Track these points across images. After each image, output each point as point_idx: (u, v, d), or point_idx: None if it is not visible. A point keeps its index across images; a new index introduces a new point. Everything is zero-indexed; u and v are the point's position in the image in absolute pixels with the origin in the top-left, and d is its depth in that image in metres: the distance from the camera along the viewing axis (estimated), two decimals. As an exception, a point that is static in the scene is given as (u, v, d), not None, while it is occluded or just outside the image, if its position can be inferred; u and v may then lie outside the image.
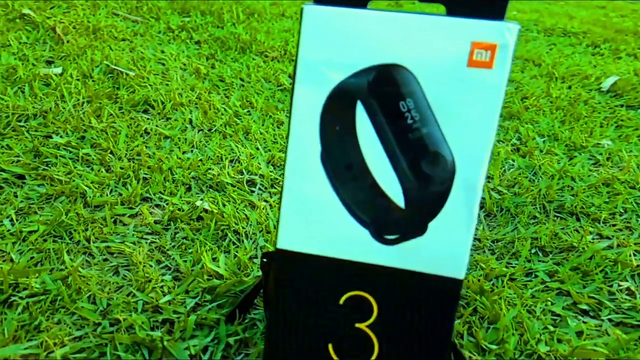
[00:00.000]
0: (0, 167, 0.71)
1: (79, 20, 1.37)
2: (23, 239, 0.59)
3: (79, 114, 0.88)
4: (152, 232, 0.63)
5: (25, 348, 0.45)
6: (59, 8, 1.45)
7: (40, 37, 1.22)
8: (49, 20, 1.31)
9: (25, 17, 1.32)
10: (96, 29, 1.33)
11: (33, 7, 1.39)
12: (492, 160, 0.93)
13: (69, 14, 1.41)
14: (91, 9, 1.50)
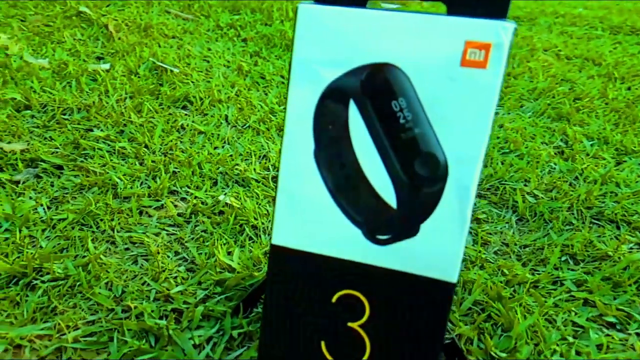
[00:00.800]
0: (41, 158, 0.76)
1: (132, 17, 1.43)
2: (53, 226, 0.63)
3: (121, 109, 0.93)
4: (174, 224, 0.66)
5: (41, 329, 0.49)
6: (114, 6, 1.52)
7: (93, 34, 1.29)
8: (104, 17, 1.38)
9: (81, 14, 1.40)
10: (147, 27, 1.39)
11: (90, 5, 1.47)
12: (531, 163, 0.90)
13: (124, 12, 1.48)
14: (145, 6, 1.57)
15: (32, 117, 0.88)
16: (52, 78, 1.01)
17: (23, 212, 0.64)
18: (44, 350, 0.47)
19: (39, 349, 0.47)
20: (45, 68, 1.05)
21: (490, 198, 0.82)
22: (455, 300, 0.59)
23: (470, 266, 0.66)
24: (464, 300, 0.59)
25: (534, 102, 1.20)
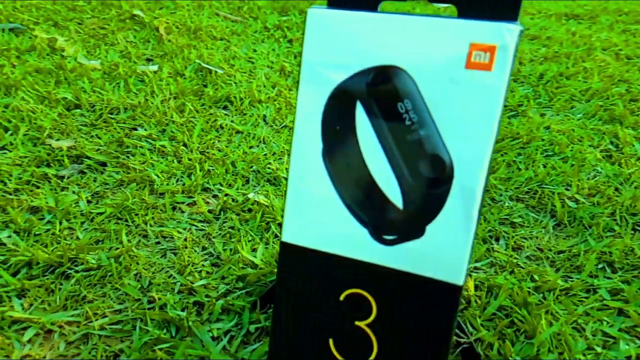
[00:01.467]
0: (86, 155, 0.81)
1: (183, 20, 1.49)
2: (91, 219, 0.67)
3: (164, 109, 0.97)
4: (204, 220, 0.69)
5: (70, 315, 0.52)
6: (167, 9, 1.59)
7: (145, 36, 1.35)
8: (156, 20, 1.45)
9: (135, 17, 1.46)
10: (197, 29, 1.44)
11: (144, 8, 1.54)
12: (575, 167, 0.88)
13: (175, 14, 1.54)
14: (196, 9, 1.63)
15: (82, 115, 0.94)
16: (103, 79, 1.07)
17: (65, 206, 0.68)
18: (71, 336, 0.51)
19: (67, 335, 0.51)
20: (97, 69, 1.11)
21: (528, 202, 0.80)
22: (479, 304, 0.59)
23: (499, 271, 0.65)
24: (489, 305, 0.59)
25: (585, 103, 1.16)
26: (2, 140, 0.83)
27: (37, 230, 0.64)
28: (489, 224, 0.75)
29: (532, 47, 1.55)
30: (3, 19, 1.35)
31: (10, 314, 0.51)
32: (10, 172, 0.76)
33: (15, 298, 0.54)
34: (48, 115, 0.91)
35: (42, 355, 0.48)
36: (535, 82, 1.29)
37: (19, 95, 0.96)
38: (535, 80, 1.30)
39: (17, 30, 1.28)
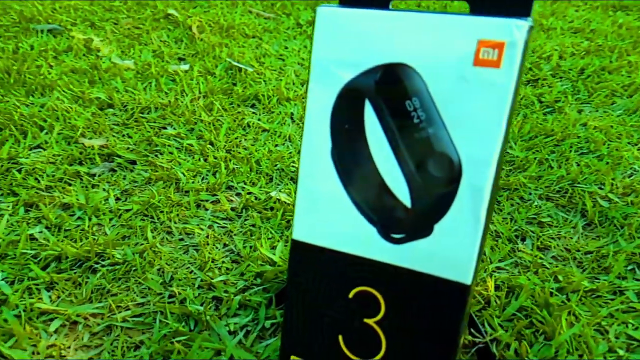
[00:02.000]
0: (117, 153, 0.84)
1: (216, 18, 1.52)
2: (119, 215, 0.70)
3: (193, 108, 1.00)
4: (226, 217, 0.71)
5: (95, 308, 0.55)
6: (200, 7, 1.62)
7: (178, 36, 1.39)
8: (190, 19, 1.48)
9: (169, 16, 1.50)
10: (229, 27, 1.46)
11: (178, 7, 1.58)
12: (610, 165, 0.86)
13: (209, 13, 1.58)
14: (229, 7, 1.66)
15: (114, 115, 0.97)
16: (135, 78, 1.11)
17: (94, 203, 0.71)
18: (95, 327, 0.53)
19: (92, 326, 0.53)
20: (130, 69, 1.15)
21: (558, 201, 0.79)
22: (498, 304, 0.59)
23: (523, 271, 0.65)
24: (509, 305, 0.59)
25: (627, 99, 1.13)
26: (38, 139, 0.87)
27: (68, 225, 0.68)
28: (516, 223, 0.74)
29: (575, 41, 1.51)
30: (42, 20, 1.41)
31: (38, 306, 0.54)
32: (44, 169, 0.79)
33: (44, 290, 0.57)
34: (82, 114, 0.95)
35: (66, 345, 0.51)
36: (575, 77, 1.26)
37: (55, 95, 1.01)
38: (575, 75, 1.27)
39: (55, 31, 1.33)
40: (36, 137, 0.88)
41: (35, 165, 0.80)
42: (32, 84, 1.04)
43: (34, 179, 0.77)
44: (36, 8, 1.47)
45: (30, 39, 1.29)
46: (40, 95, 1.02)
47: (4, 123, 0.90)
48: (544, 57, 1.40)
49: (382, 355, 0.45)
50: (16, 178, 0.76)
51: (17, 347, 0.50)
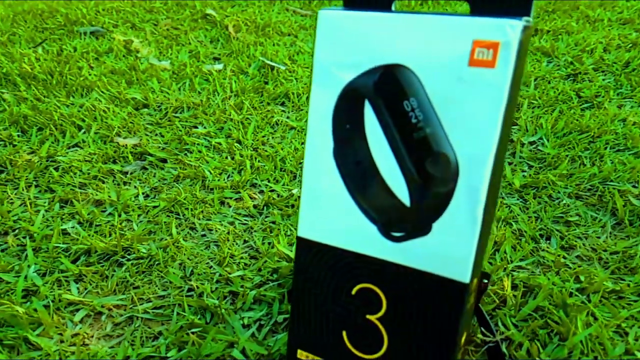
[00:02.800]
0: (149, 152, 0.88)
1: (252, 17, 1.55)
2: (147, 212, 0.74)
3: (224, 107, 1.03)
4: (248, 214, 0.73)
5: (119, 299, 0.58)
6: (239, 6, 1.66)
7: (215, 35, 1.42)
8: (227, 19, 1.52)
9: (207, 16, 1.55)
10: (265, 25, 1.49)
11: (216, 7, 1.62)
12: (643, 162, 0.84)
13: (246, 12, 1.61)
14: (267, 5, 1.69)
15: (149, 114, 1.02)
16: (171, 79, 1.15)
17: (125, 199, 0.75)
18: (118, 318, 0.56)
19: (115, 317, 0.57)
20: (166, 69, 1.20)
21: (588, 199, 0.78)
22: (514, 304, 0.59)
23: (544, 270, 0.64)
24: (525, 304, 0.59)
25: (672, 92, 1.09)
26: (76, 138, 0.92)
27: (98, 221, 0.72)
28: (542, 222, 0.73)
29: (623, 32, 1.46)
30: (86, 23, 1.47)
31: (66, 297, 0.58)
32: (80, 167, 0.84)
33: (73, 282, 0.61)
34: (118, 114, 1.00)
35: (90, 334, 0.54)
36: (619, 70, 1.23)
37: (94, 95, 1.06)
38: (619, 68, 1.24)
39: (97, 33, 1.39)
40: (74, 136, 0.93)
41: (72, 163, 0.85)
42: (72, 85, 1.09)
43: (69, 177, 0.81)
44: (80, 11, 1.54)
45: (74, 41, 1.36)
46: (80, 96, 1.07)
47: (44, 123, 0.95)
48: (587, 50, 1.37)
49: (384, 351, 0.46)
50: (53, 176, 0.81)
51: (44, 335, 0.54)
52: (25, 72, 1.14)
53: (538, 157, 0.89)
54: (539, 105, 1.07)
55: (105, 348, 0.53)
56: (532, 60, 1.30)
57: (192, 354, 0.51)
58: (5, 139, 0.91)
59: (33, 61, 1.21)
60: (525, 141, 0.94)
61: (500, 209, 0.75)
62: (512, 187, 0.81)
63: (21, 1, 1.67)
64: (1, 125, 0.96)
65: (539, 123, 0.99)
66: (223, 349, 0.52)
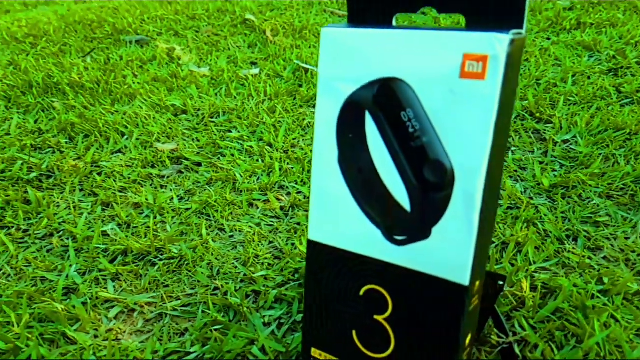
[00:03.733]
0: (185, 156, 0.93)
1: (291, 20, 1.59)
2: (180, 214, 0.78)
3: (257, 111, 1.07)
4: (274, 216, 0.76)
5: (150, 297, 0.63)
6: (277, 10, 1.70)
7: (253, 40, 1.47)
8: (266, 23, 1.56)
9: (247, 21, 1.59)
10: (302, 28, 1.53)
11: (256, 12, 1.66)
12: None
13: (285, 15, 1.65)
14: (305, 7, 1.72)
15: (187, 120, 1.07)
16: (209, 85, 1.20)
17: (160, 202, 0.80)
18: (149, 315, 0.61)
19: (146, 313, 0.61)
20: (205, 76, 1.25)
21: (619, 199, 0.77)
22: (532, 305, 0.59)
23: (568, 272, 0.64)
24: (544, 306, 0.59)
25: None
26: (118, 144, 0.98)
27: (136, 223, 0.77)
28: (569, 222, 0.73)
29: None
30: (131, 32, 1.55)
31: (103, 294, 0.63)
32: (122, 172, 0.90)
33: (110, 281, 0.66)
34: (158, 120, 1.05)
35: (123, 330, 0.59)
36: (666, 64, 1.19)
37: (136, 103, 1.12)
38: (666, 61, 1.20)
39: (142, 41, 1.46)
40: (117, 142, 0.99)
41: (114, 168, 0.90)
42: (117, 93, 1.16)
43: (111, 181, 0.87)
44: (127, 20, 1.62)
45: (120, 50, 1.43)
46: (124, 104, 1.13)
47: (90, 130, 1.02)
48: (632, 43, 1.33)
49: (392, 350, 0.48)
50: (97, 180, 0.87)
51: (81, 331, 0.59)
52: (74, 81, 1.21)
53: (570, 156, 0.89)
54: (576, 102, 1.06)
55: (135, 343, 0.57)
56: (573, 56, 1.27)
57: (214, 350, 0.55)
58: (54, 146, 0.98)
59: (82, 70, 1.28)
60: (559, 140, 0.93)
61: (526, 209, 0.76)
62: (541, 187, 0.81)
63: (73, 12, 1.77)
64: (51, 132, 1.03)
65: (574, 121, 0.98)
66: (243, 346, 0.56)
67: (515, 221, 0.73)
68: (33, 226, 0.77)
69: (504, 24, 0.40)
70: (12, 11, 2.10)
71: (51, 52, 1.44)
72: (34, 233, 0.75)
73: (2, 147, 0.97)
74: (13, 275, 0.67)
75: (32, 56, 1.41)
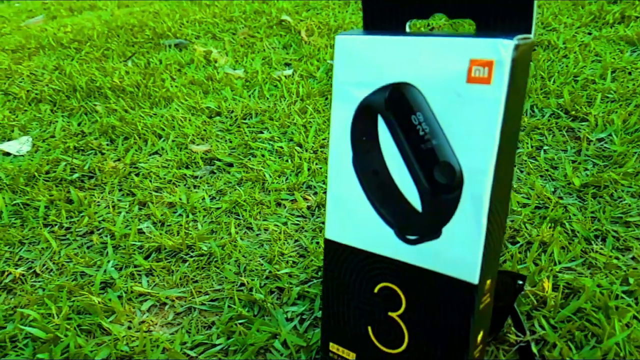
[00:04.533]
0: (218, 157, 0.96)
1: (326, 20, 1.61)
2: (210, 212, 0.82)
3: (289, 112, 1.09)
4: (301, 215, 0.79)
5: (180, 292, 0.67)
6: (313, 10, 1.73)
7: (288, 41, 1.50)
8: (301, 23, 1.59)
9: (282, 22, 1.62)
10: (338, 27, 1.55)
11: (292, 12, 1.70)
12: None
13: (320, 15, 1.67)
14: (341, 7, 1.74)
15: (221, 122, 1.11)
16: (243, 87, 1.24)
17: (193, 202, 0.84)
18: (179, 308, 0.65)
19: (176, 307, 0.65)
20: (240, 77, 1.29)
21: (651, 199, 0.76)
22: (553, 305, 0.60)
23: (594, 272, 0.65)
24: (566, 306, 0.60)
25: None
26: (156, 146, 1.03)
27: (169, 222, 0.81)
28: (598, 222, 0.73)
29: None
30: (171, 36, 1.60)
31: (137, 289, 0.67)
32: (158, 173, 0.94)
33: (144, 276, 0.70)
34: (193, 123, 1.10)
35: (155, 322, 0.63)
36: None
37: (173, 106, 1.17)
38: None
39: (181, 45, 1.52)
40: (155, 144, 1.03)
41: (151, 169, 0.95)
42: (156, 96, 1.21)
43: (148, 182, 0.92)
44: (166, 24, 1.68)
45: (160, 53, 1.49)
46: (162, 107, 1.18)
47: (130, 132, 1.07)
48: (677, 36, 1.30)
49: (405, 347, 0.50)
50: (134, 181, 0.92)
51: (116, 322, 0.63)
52: (116, 85, 1.27)
53: (604, 155, 0.88)
54: (614, 99, 1.05)
55: (166, 334, 0.61)
56: (614, 51, 1.25)
57: (238, 343, 0.58)
58: (95, 148, 1.03)
59: (123, 74, 1.34)
60: (593, 138, 0.93)
61: (554, 209, 0.76)
62: (572, 186, 0.81)
63: (115, 17, 1.84)
64: (93, 135, 1.09)
65: (610, 119, 0.97)
66: (266, 339, 0.59)
67: (543, 221, 0.73)
68: (75, 224, 0.82)
69: (512, 29, 0.42)
70: (58, 17, 2.20)
71: (94, 56, 1.51)
72: (75, 231, 0.80)
73: (47, 149, 1.03)
74: (55, 270, 0.72)
75: (77, 61, 1.48)
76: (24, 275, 0.72)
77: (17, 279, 0.71)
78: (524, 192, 0.81)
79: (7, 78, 1.39)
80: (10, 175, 0.94)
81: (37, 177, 0.94)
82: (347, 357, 0.54)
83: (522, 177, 0.85)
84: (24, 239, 0.79)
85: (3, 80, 1.38)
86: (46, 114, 1.19)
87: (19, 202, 0.87)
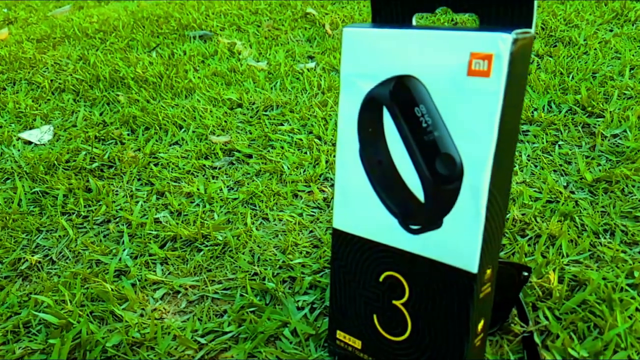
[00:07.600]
0: (237, 148, 1.00)
1: (351, 13, 1.64)
2: (227, 203, 0.86)
3: (310, 104, 1.13)
4: (316, 207, 0.83)
5: (194, 280, 0.71)
6: (339, 3, 1.76)
7: (312, 34, 1.53)
8: (326, 17, 1.62)
9: (307, 15, 1.66)
10: (363, 21, 1.57)
11: (317, 5, 1.73)
12: None
13: (345, 8, 1.70)
14: (367, 0, 1.76)
15: (242, 114, 1.15)
16: (265, 79, 1.28)
17: (210, 192, 0.88)
18: (192, 297, 0.69)
19: (189, 295, 0.69)
20: (263, 70, 1.32)
21: (667, 194, 0.78)
22: (558, 297, 0.62)
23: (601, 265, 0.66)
24: (571, 298, 0.62)
25: None
26: (176, 137, 1.07)
27: (186, 211, 0.85)
28: (608, 216, 0.75)
29: None
30: (196, 27, 1.65)
31: (151, 277, 0.71)
32: (177, 163, 0.99)
33: (159, 265, 0.75)
34: (214, 114, 1.14)
35: (167, 310, 0.67)
36: None
37: (195, 97, 1.22)
38: None
39: (205, 36, 1.56)
40: (175, 134, 1.08)
41: (170, 159, 1.00)
42: (178, 87, 1.26)
43: (167, 172, 0.96)
44: (192, 15, 1.73)
45: (184, 45, 1.54)
46: (184, 98, 1.23)
47: (150, 123, 1.12)
48: None
49: (409, 334, 0.53)
50: (153, 171, 0.97)
51: (129, 309, 0.67)
52: (139, 75, 1.33)
53: (618, 151, 0.89)
54: (631, 95, 1.05)
55: (177, 322, 0.65)
56: (635, 48, 1.25)
57: (249, 330, 0.62)
58: (116, 138, 1.09)
59: (146, 65, 1.40)
60: (608, 134, 0.94)
61: (565, 203, 0.78)
62: (584, 181, 0.83)
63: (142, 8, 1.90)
64: (114, 125, 1.14)
65: (626, 115, 0.98)
66: (276, 328, 0.62)
67: (553, 214, 0.75)
68: (92, 213, 0.87)
69: (514, 24, 0.45)
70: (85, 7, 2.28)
71: (119, 47, 1.57)
72: (92, 219, 0.85)
73: (68, 138, 1.09)
74: (71, 258, 0.77)
75: (101, 51, 1.54)
76: (40, 263, 0.77)
77: (34, 266, 0.76)
78: (536, 186, 0.83)
79: (31, 67, 1.46)
80: (31, 163, 1.00)
81: (57, 166, 0.99)
82: (353, 344, 0.58)
83: (536, 171, 0.87)
84: (41, 226, 0.85)
85: (27, 69, 1.45)
86: (69, 103, 1.25)
87: (38, 190, 0.93)
